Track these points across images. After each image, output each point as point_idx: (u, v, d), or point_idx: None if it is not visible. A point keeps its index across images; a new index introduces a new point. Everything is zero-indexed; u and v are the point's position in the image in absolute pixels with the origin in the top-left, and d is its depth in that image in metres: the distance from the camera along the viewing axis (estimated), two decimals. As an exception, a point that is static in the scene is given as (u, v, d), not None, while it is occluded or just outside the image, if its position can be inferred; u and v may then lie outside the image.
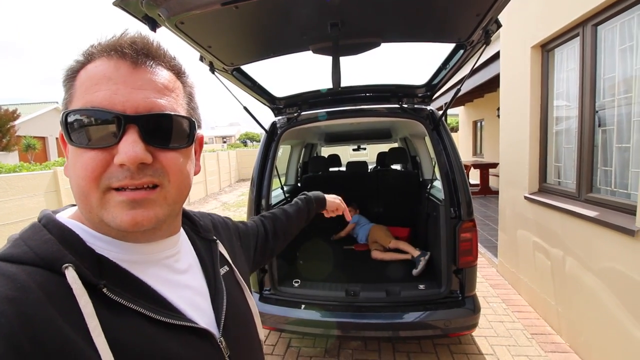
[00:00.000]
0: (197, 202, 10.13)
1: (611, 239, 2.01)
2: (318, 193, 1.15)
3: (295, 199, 1.10)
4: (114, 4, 1.09)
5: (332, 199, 1.17)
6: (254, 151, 15.63)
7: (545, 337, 2.56)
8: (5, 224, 4.22)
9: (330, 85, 1.70)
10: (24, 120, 15.66)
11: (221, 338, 0.54)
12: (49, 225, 0.44)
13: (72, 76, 0.45)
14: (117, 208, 0.42)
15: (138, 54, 0.45)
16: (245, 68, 1.86)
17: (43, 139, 17.36)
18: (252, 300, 0.66)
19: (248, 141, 30.16)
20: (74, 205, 0.52)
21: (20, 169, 5.08)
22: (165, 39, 0.50)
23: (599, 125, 2.31)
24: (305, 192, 1.13)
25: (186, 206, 0.70)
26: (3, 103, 15.78)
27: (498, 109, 5.16)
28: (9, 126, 14.43)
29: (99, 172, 0.41)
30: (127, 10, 1.11)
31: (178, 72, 0.51)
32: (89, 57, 0.45)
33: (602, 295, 2.09)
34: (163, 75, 0.47)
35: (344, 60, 1.60)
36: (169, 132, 0.46)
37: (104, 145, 0.42)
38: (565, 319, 2.50)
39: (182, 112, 0.49)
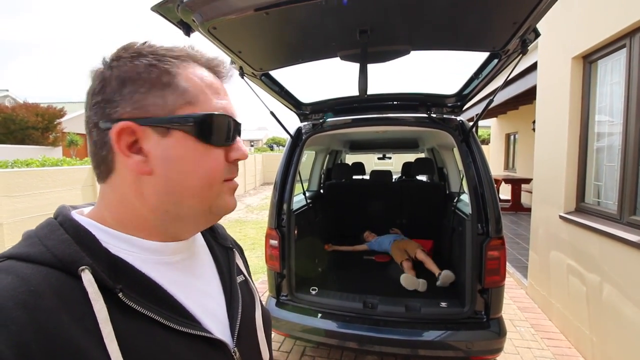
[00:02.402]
0: (222, 203, 10.33)
1: (657, 267, 1.84)
2: None
3: None
4: (152, 9, 1.14)
5: None
6: (280, 155, 15.78)
7: (577, 368, 2.38)
8: (46, 214, 4.50)
9: (355, 93, 1.68)
10: (68, 117, 16.74)
11: (235, 348, 0.53)
12: (65, 223, 0.43)
13: (167, 75, 0.45)
14: (228, 194, 0.52)
15: (226, 75, 0.54)
16: (273, 73, 1.89)
17: (85, 135, 18.47)
18: (260, 311, 0.64)
19: (275, 145, 30.63)
20: (91, 204, 0.52)
21: (62, 163, 5.42)
22: (199, 44, 0.55)
23: (647, 143, 2.14)
24: None
25: None
26: (51, 101, 16.99)
27: (534, 122, 4.94)
28: (56, 123, 15.51)
29: (223, 166, 0.49)
30: (164, 15, 1.16)
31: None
32: (179, 62, 0.48)
33: (644, 328, 1.92)
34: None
35: (371, 68, 1.58)
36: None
37: (227, 144, 0.50)
38: (600, 351, 2.31)
39: None
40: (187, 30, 1.22)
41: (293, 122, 2.60)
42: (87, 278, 0.38)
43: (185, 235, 0.52)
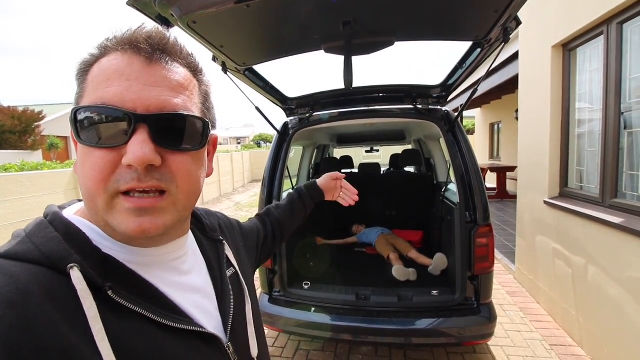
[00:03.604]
0: (211, 202, 10.26)
1: (638, 247, 1.90)
2: (311, 183, 1.09)
3: (289, 195, 1.05)
4: (128, 3, 1.09)
5: (325, 181, 1.09)
6: (267, 152, 15.66)
7: (565, 348, 2.45)
8: (26, 219, 4.36)
9: (342, 86, 1.67)
10: (48, 120, 16.24)
11: (229, 343, 0.53)
12: (55, 222, 0.42)
13: (85, 70, 0.44)
14: (124, 215, 0.40)
15: (154, 50, 0.43)
16: (258, 68, 1.86)
17: (65, 138, 17.95)
18: (250, 305, 0.63)
19: (262, 142, 30.39)
20: (80, 200, 0.51)
21: (42, 167, 5.25)
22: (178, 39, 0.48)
23: (625, 128, 2.20)
24: (300, 186, 1.08)
25: (200, 206, 0.68)
26: (29, 104, 16.45)
27: (516, 110, 5.02)
28: (34, 126, 15.02)
29: (107, 173, 0.40)
30: (141, 9, 1.12)
31: (195, 70, 0.49)
32: (103, 51, 0.43)
33: (627, 306, 1.99)
34: (179, 72, 0.45)
35: (356, 60, 1.57)
36: (180, 133, 0.44)
37: (112, 145, 0.40)
38: (587, 331, 2.39)
39: (196, 112, 0.47)
40: (166, 25, 1.19)
41: (279, 117, 2.58)
42: (76, 276, 0.38)
43: (145, 245, 0.47)
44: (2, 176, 4.20)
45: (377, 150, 6.12)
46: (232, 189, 12.68)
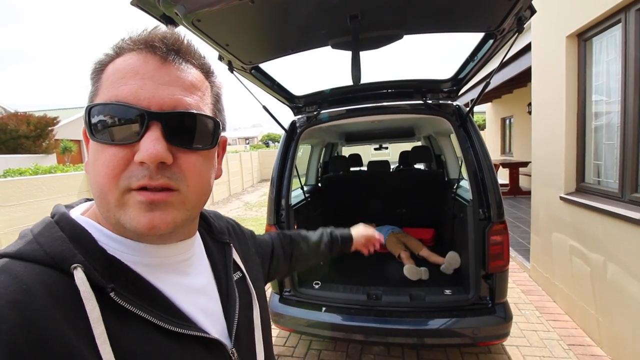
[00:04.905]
0: (221, 202, 10.33)
1: (661, 243, 1.83)
2: (345, 231, 1.05)
3: (321, 231, 1.02)
4: (132, 3, 1.08)
5: (361, 234, 1.06)
6: (276, 151, 15.67)
7: (584, 348, 2.38)
8: (41, 222, 4.45)
9: (348, 83, 1.64)
10: (61, 124, 16.56)
11: (233, 349, 0.51)
12: (61, 222, 0.42)
13: (100, 69, 0.44)
14: (136, 209, 0.40)
15: (168, 50, 0.44)
16: (264, 66, 1.84)
17: (79, 141, 18.28)
18: (257, 311, 0.62)
19: (270, 142, 30.50)
20: (88, 199, 0.52)
21: (55, 170, 5.35)
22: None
23: (646, 120, 2.12)
24: (333, 229, 1.04)
25: (210, 206, 0.67)
26: (44, 109, 16.82)
27: (529, 104, 4.90)
28: (47, 130, 15.35)
29: (119, 169, 0.40)
30: (145, 9, 1.11)
31: (207, 72, 0.50)
32: (118, 51, 0.44)
33: (650, 305, 1.91)
34: (191, 73, 0.46)
35: (364, 55, 1.54)
36: (192, 132, 0.44)
37: (125, 142, 0.41)
38: (606, 330, 2.31)
39: (208, 112, 0.48)
40: (171, 24, 1.17)
41: (287, 116, 2.56)
42: (79, 276, 0.37)
43: (155, 241, 0.46)
44: (17, 180, 4.29)
45: (386, 148, 6.06)
46: (242, 189, 12.75)
